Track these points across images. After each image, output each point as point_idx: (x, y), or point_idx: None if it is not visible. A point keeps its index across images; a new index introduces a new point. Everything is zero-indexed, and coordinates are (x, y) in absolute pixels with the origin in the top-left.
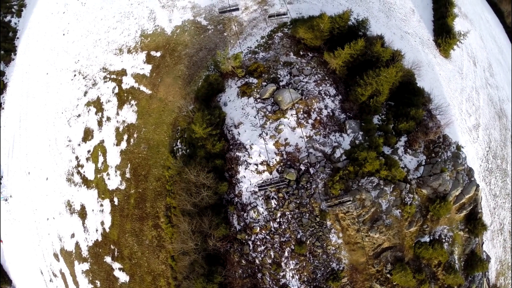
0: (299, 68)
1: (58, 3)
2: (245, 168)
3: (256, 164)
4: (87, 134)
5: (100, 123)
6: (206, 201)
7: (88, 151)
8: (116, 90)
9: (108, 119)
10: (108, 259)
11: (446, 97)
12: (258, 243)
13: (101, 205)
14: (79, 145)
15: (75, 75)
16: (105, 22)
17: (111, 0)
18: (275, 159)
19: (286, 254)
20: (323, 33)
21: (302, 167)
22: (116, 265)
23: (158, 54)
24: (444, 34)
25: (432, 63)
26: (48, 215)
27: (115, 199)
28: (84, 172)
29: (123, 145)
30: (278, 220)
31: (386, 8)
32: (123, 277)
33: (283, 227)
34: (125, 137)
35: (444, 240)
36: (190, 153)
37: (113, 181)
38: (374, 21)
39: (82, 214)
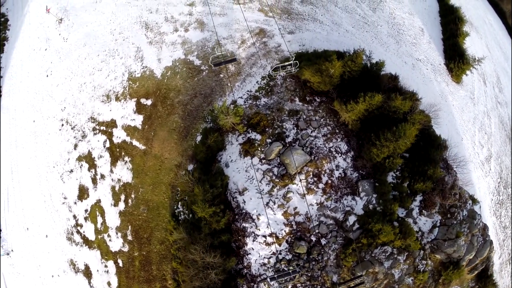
0: (306, 119)
1: (40, 37)
2: (253, 240)
3: (265, 236)
4: (82, 192)
5: (94, 181)
6: (214, 280)
7: (86, 211)
8: (108, 144)
9: (102, 176)
10: None
11: (460, 132)
12: None
13: (106, 266)
14: (75, 203)
15: (62, 125)
16: (90, 62)
17: (94, 36)
18: (284, 231)
19: None
20: (333, 79)
21: (313, 238)
22: None
23: (149, 102)
24: (456, 58)
25: (445, 93)
26: (52, 272)
27: (119, 261)
28: (83, 232)
29: (121, 205)
30: None
31: (395, 32)
32: None
33: None
34: (122, 197)
35: None
36: (193, 221)
37: (115, 243)
38: (383, 49)
39: (87, 273)
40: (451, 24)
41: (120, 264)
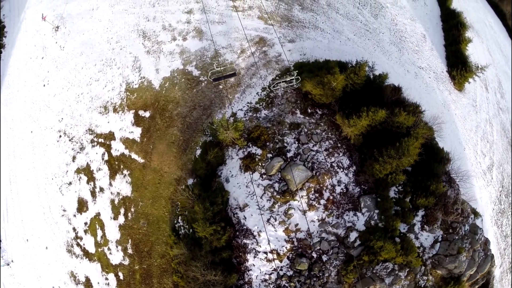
0: (307, 132)
1: (36, 45)
2: (254, 257)
3: (266, 252)
4: (82, 205)
5: (93, 194)
6: None
7: (85, 223)
8: (106, 157)
9: (102, 190)
10: None
11: (462, 141)
12: None
13: (106, 278)
14: (74, 216)
15: (60, 136)
16: (87, 72)
17: (91, 44)
18: (286, 247)
19: None
20: (335, 92)
21: (314, 254)
22: None
23: (147, 114)
24: (459, 66)
25: (447, 102)
26: (53, 283)
27: (120, 274)
28: (84, 244)
29: (121, 219)
30: None
31: (397, 39)
32: None
33: None
34: (122, 211)
35: None
36: (194, 237)
37: (115, 256)
38: (386, 57)
39: (88, 285)
40: (453, 30)
41: (121, 277)
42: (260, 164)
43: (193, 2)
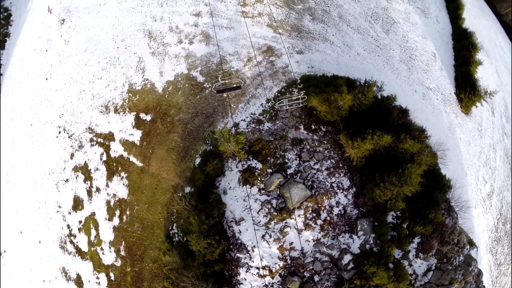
0: (309, 150)
1: (41, 37)
2: (246, 271)
3: (258, 268)
4: (77, 203)
5: (89, 193)
6: None
7: (80, 222)
8: (104, 158)
9: (98, 190)
10: None
11: (464, 167)
12: None
13: (97, 277)
14: (69, 213)
15: (59, 132)
16: (90, 69)
17: (96, 41)
18: (278, 265)
19: None
20: (341, 111)
21: (307, 274)
22: None
23: (148, 117)
24: (468, 89)
25: (453, 125)
26: (44, 277)
27: (111, 274)
28: (77, 242)
29: (116, 221)
30: None
31: (407, 57)
32: None
33: None
34: (117, 213)
35: None
36: (187, 246)
37: (108, 257)
38: (394, 76)
39: (79, 282)
40: (464, 51)
41: (112, 278)
42: (259, 179)
43: (202, 5)
